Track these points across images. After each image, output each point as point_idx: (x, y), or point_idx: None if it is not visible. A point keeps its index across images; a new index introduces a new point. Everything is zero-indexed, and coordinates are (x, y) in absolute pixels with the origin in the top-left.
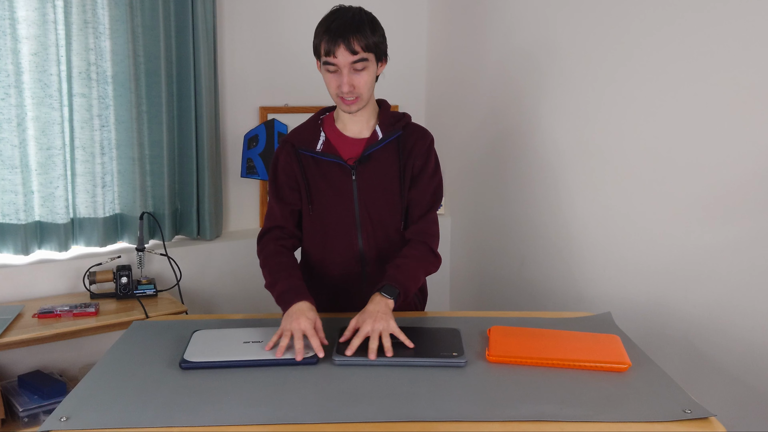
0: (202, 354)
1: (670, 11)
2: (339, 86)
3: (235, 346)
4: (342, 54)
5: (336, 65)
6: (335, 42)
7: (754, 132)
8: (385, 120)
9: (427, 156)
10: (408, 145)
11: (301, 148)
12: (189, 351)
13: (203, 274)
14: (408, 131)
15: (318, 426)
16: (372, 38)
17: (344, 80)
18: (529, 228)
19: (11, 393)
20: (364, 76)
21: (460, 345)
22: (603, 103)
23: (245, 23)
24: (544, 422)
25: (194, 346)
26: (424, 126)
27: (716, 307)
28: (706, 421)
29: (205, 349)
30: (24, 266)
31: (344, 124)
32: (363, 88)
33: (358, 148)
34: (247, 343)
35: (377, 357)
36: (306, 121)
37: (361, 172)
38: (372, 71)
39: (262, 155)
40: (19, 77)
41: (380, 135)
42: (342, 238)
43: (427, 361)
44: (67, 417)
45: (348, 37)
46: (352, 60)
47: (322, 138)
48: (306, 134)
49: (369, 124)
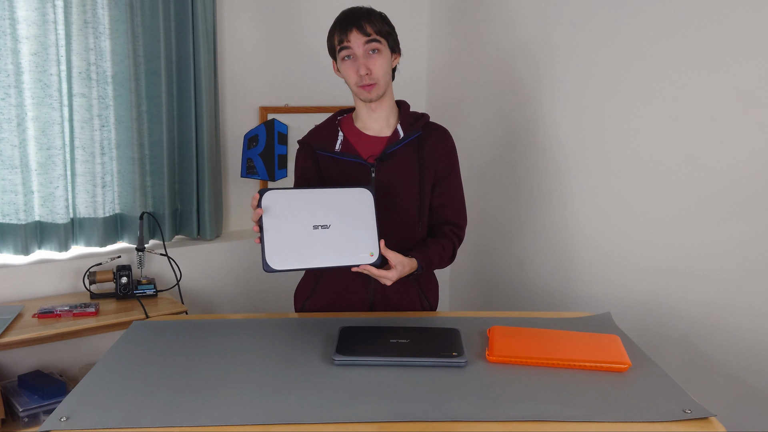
0: (352, 351)
1: (670, 11)
2: (357, 71)
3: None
4: (355, 37)
5: (351, 50)
6: (348, 28)
7: (754, 132)
8: (406, 119)
9: (450, 157)
10: (429, 145)
11: (319, 148)
12: (269, 253)
13: (203, 274)
14: (428, 131)
15: (318, 426)
16: (383, 26)
17: (361, 62)
18: (529, 228)
19: (11, 393)
20: (379, 60)
21: (460, 345)
22: (601, 104)
23: (245, 23)
24: (544, 422)
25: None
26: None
27: (716, 306)
28: (706, 421)
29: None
30: (24, 266)
31: (364, 123)
32: (379, 72)
33: (378, 147)
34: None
35: (376, 357)
36: (323, 121)
37: (381, 169)
38: (387, 57)
39: (262, 155)
40: (19, 77)
41: (401, 134)
42: None
43: (427, 361)
44: (67, 417)
45: (360, 22)
46: (365, 41)
47: (340, 138)
48: (324, 135)
49: (389, 123)
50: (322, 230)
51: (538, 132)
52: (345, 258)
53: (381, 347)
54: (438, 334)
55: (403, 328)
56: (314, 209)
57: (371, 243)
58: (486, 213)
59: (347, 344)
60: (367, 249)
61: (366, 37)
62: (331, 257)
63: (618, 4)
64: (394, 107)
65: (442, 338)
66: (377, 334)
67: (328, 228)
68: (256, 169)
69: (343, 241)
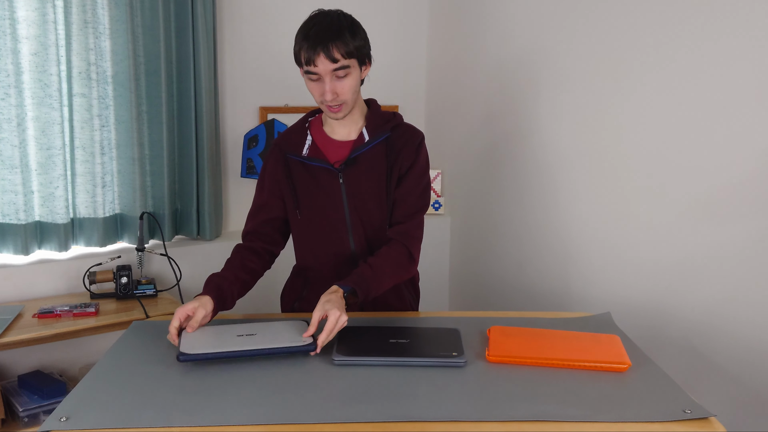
0: (198, 347)
1: (667, 13)
2: (322, 94)
3: (230, 339)
4: (322, 62)
5: (317, 74)
6: (315, 50)
7: (754, 132)
8: (372, 121)
9: (415, 155)
10: (397, 146)
11: (288, 152)
12: (184, 344)
13: (203, 274)
14: (398, 132)
15: (318, 426)
16: (352, 43)
17: (327, 88)
18: (529, 228)
19: (11, 393)
20: (346, 83)
21: (460, 345)
22: (600, 104)
23: (245, 23)
24: (544, 422)
25: (187, 340)
26: (420, 126)
27: (716, 307)
28: (706, 421)
29: (200, 342)
30: (24, 266)
31: (332, 128)
32: (347, 94)
33: (344, 151)
34: (240, 336)
35: (376, 357)
36: (295, 123)
37: (348, 174)
38: (355, 76)
39: (262, 155)
40: (19, 77)
41: (367, 137)
42: (333, 240)
43: (427, 361)
44: (67, 417)
45: (327, 45)
46: (332, 68)
47: (308, 142)
48: (293, 138)
49: (357, 126)
50: (247, 337)
51: (536, 133)
52: (278, 343)
53: (380, 347)
54: (438, 334)
55: (403, 328)
56: (239, 329)
57: (300, 332)
58: (486, 213)
59: (347, 344)
60: (299, 337)
61: (334, 63)
62: (261, 344)
63: (614, 8)
64: (363, 110)
65: (441, 338)
66: (377, 334)
67: (254, 336)
68: (256, 169)
69: (273, 338)
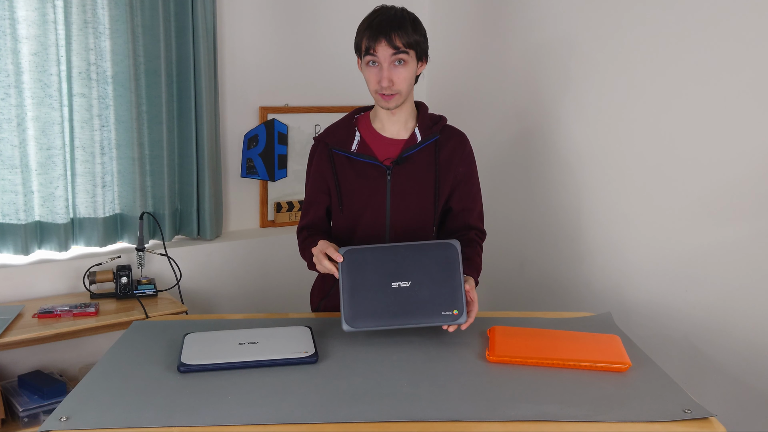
0: (199, 356)
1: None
2: (378, 81)
3: (232, 348)
4: (382, 49)
5: (376, 60)
6: (376, 38)
7: (754, 132)
8: (424, 122)
9: (470, 162)
10: (446, 150)
11: (335, 147)
12: (185, 354)
13: (203, 274)
14: (445, 135)
15: (318, 426)
16: (413, 36)
17: (384, 74)
18: (530, 228)
19: (11, 393)
20: (403, 72)
21: (461, 302)
22: (600, 105)
23: (245, 23)
24: (544, 422)
25: (189, 348)
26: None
27: (716, 307)
28: (706, 421)
29: (202, 351)
30: (24, 266)
31: (382, 125)
32: (402, 84)
33: (394, 149)
34: (242, 344)
35: (386, 324)
36: (339, 120)
37: (397, 173)
38: (412, 68)
39: (262, 155)
40: (19, 77)
41: (419, 137)
42: (368, 240)
43: (430, 321)
44: (67, 417)
45: (389, 33)
46: (392, 53)
47: (357, 138)
48: (340, 134)
49: (407, 126)
50: (402, 288)
51: (546, 133)
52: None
53: (389, 311)
54: (438, 291)
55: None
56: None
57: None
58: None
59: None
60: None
61: (393, 50)
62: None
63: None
64: (413, 110)
65: (441, 296)
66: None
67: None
68: (256, 169)
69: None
